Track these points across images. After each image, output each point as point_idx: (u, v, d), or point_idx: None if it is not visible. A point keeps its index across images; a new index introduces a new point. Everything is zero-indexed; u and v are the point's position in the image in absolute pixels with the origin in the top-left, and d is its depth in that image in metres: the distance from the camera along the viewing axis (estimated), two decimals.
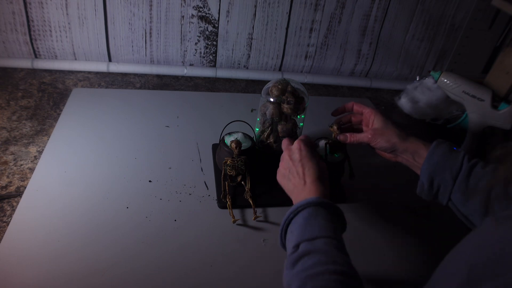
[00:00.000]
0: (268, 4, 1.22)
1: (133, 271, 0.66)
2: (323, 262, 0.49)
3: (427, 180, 0.66)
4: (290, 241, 0.56)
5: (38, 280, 0.63)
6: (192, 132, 1.01)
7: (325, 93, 1.34)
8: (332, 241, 0.53)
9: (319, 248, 0.51)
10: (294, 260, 0.51)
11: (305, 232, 0.54)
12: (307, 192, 0.61)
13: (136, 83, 1.22)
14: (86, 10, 1.14)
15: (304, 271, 0.49)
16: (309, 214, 0.56)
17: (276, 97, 0.87)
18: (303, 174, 0.64)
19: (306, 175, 0.64)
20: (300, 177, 0.64)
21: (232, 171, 0.82)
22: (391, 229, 0.84)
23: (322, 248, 0.51)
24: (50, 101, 1.07)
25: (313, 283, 0.47)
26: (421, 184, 0.68)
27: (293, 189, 0.65)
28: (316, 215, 0.56)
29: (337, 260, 0.50)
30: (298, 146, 0.69)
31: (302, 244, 0.53)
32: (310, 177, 0.63)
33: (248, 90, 1.28)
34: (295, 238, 0.54)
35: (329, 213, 0.58)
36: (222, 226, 0.78)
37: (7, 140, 0.91)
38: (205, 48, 1.27)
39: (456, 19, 1.34)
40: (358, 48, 1.36)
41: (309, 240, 0.53)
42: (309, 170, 0.64)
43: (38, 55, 1.20)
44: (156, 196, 0.81)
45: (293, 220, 0.58)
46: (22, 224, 0.71)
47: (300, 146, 0.68)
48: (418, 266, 0.76)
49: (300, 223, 0.56)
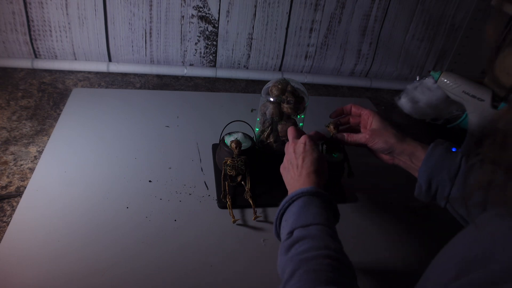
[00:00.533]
0: (268, 4, 1.22)
1: (133, 271, 0.66)
2: (316, 247, 0.50)
3: (425, 182, 0.66)
4: (284, 229, 0.57)
5: (38, 280, 0.63)
6: (192, 132, 1.01)
7: (325, 93, 1.34)
8: (325, 228, 0.54)
9: (313, 234, 0.53)
10: (288, 246, 0.53)
11: (299, 219, 0.55)
12: (301, 183, 0.63)
13: (136, 83, 1.22)
14: (86, 10, 1.14)
15: (298, 255, 0.50)
16: (303, 202, 0.57)
17: (276, 97, 0.87)
18: (301, 167, 0.65)
19: (304, 168, 0.65)
20: (298, 169, 0.65)
21: (232, 171, 0.82)
22: (391, 228, 0.84)
23: (316, 234, 0.52)
24: (50, 101, 1.07)
25: (307, 266, 0.48)
26: (419, 186, 0.68)
27: (290, 180, 0.67)
28: (310, 204, 0.57)
29: (330, 246, 0.51)
30: (303, 140, 0.70)
31: (296, 230, 0.54)
32: (306, 169, 0.64)
33: (248, 90, 1.28)
34: (289, 226, 0.55)
35: (323, 202, 0.59)
36: (222, 226, 0.78)
37: (7, 140, 0.91)
38: (205, 48, 1.27)
39: (456, 19, 1.34)
40: (358, 48, 1.36)
41: (303, 227, 0.54)
42: (307, 163, 0.65)
43: (38, 55, 1.20)
44: (156, 196, 0.81)
45: (288, 209, 0.59)
46: (22, 224, 0.71)
47: (306, 141, 0.69)
48: (418, 266, 0.76)
49: (295, 211, 0.57)
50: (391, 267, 0.75)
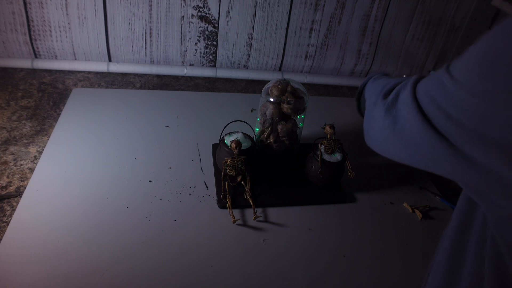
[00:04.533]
0: (268, 4, 1.22)
1: (133, 271, 0.66)
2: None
3: None
4: (373, 95, 0.59)
5: (38, 280, 0.63)
6: (192, 132, 1.01)
7: (325, 93, 1.34)
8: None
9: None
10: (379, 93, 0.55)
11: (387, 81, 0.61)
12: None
13: (136, 83, 1.22)
14: (86, 10, 1.14)
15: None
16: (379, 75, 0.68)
17: (276, 97, 0.87)
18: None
19: None
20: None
21: (232, 171, 0.82)
22: (391, 228, 0.84)
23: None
24: (50, 101, 1.07)
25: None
26: None
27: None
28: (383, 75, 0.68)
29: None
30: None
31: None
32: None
33: (248, 90, 1.28)
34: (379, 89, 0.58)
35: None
36: (222, 226, 0.78)
37: (7, 140, 0.91)
38: (205, 48, 1.27)
39: (456, 19, 1.34)
40: (358, 48, 1.36)
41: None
42: None
43: (38, 55, 1.20)
44: (156, 196, 0.81)
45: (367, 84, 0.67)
46: (22, 224, 0.71)
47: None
48: (418, 266, 0.76)
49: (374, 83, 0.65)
50: (391, 267, 0.75)
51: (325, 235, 0.79)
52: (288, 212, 0.83)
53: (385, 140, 0.48)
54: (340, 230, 0.81)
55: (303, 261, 0.74)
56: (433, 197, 0.93)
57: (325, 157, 0.85)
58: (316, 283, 0.70)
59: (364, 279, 0.72)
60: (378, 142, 0.51)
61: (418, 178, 0.98)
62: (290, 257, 0.74)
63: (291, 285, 0.69)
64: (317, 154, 0.86)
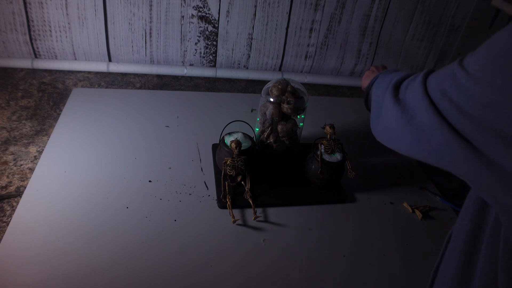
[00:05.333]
0: (268, 4, 1.22)
1: (133, 271, 0.66)
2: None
3: None
4: (381, 92, 0.59)
5: (38, 280, 0.63)
6: (192, 132, 1.01)
7: (325, 93, 1.34)
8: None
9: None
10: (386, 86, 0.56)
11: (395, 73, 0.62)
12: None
13: (136, 83, 1.22)
14: (86, 10, 1.14)
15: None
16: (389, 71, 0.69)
17: (276, 97, 0.87)
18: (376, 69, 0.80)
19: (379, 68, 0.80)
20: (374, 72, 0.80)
21: (232, 171, 0.82)
22: (391, 228, 0.84)
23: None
24: (50, 101, 1.07)
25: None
26: None
27: (371, 74, 0.80)
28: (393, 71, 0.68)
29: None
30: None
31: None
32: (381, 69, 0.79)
33: (248, 90, 1.28)
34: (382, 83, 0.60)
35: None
36: (222, 226, 0.78)
37: (7, 140, 0.91)
38: (205, 48, 1.27)
39: (456, 19, 1.34)
40: (358, 48, 1.36)
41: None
42: (378, 68, 0.81)
43: (38, 55, 1.20)
44: (156, 196, 0.81)
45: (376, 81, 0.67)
46: (22, 224, 0.71)
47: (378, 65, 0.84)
48: (418, 266, 0.76)
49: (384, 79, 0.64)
50: (391, 267, 0.75)
51: (325, 235, 0.79)
52: (288, 212, 0.83)
53: (393, 131, 0.48)
54: (340, 230, 0.81)
55: (303, 261, 0.74)
56: (433, 197, 0.93)
57: (325, 157, 0.85)
58: (316, 283, 0.70)
59: (364, 279, 0.72)
60: (385, 133, 0.51)
61: (418, 178, 0.98)
62: (290, 257, 0.74)
63: (291, 285, 0.69)
64: (317, 154, 0.86)
